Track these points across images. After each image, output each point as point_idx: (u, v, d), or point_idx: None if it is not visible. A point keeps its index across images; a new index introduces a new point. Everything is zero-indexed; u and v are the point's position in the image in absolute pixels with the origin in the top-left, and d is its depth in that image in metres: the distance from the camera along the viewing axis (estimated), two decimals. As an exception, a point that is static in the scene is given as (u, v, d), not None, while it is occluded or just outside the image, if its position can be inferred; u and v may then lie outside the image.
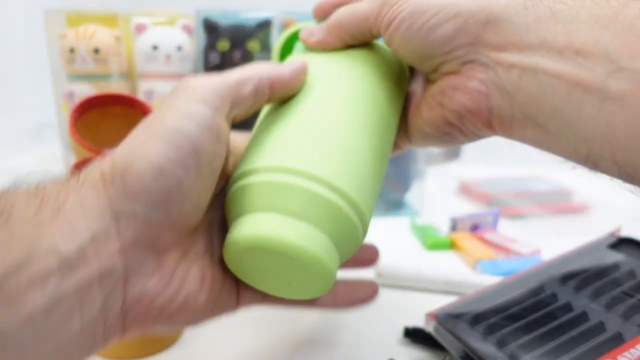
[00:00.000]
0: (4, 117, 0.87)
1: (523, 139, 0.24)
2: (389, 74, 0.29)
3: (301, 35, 0.29)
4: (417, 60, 0.27)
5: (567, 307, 0.32)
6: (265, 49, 0.58)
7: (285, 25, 0.60)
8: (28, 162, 0.84)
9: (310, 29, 0.29)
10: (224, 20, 0.58)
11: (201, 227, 0.24)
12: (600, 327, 0.30)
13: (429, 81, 0.28)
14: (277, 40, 0.35)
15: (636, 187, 0.21)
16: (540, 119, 0.22)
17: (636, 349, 0.27)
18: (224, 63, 0.57)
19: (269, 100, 0.25)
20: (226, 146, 0.23)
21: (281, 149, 0.23)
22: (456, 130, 0.27)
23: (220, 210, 0.26)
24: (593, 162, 0.21)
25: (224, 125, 0.22)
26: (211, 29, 0.58)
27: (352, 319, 0.39)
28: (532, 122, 0.23)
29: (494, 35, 0.23)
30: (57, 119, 0.59)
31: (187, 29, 0.59)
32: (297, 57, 0.29)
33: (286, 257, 0.21)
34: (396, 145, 0.32)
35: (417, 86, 0.31)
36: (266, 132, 0.25)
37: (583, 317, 0.31)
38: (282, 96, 0.25)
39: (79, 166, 0.33)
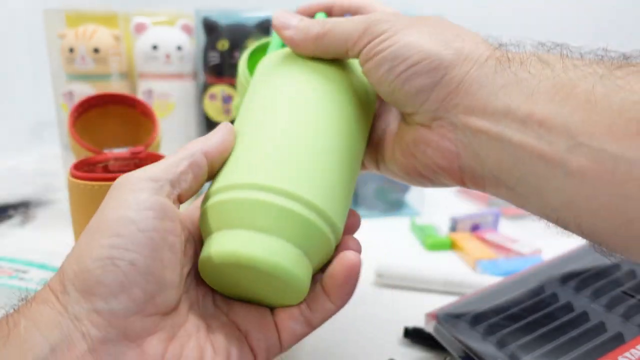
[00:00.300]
0: (4, 117, 0.87)
1: (497, 196, 0.25)
2: (358, 90, 0.29)
3: (275, 21, 0.29)
4: (390, 100, 0.27)
5: (568, 307, 0.32)
6: (265, 48, 0.58)
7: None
8: (27, 162, 0.84)
9: (289, 19, 0.28)
10: (223, 20, 0.58)
11: (182, 306, 0.23)
12: (600, 327, 0.30)
13: (404, 121, 0.28)
14: (242, 57, 0.35)
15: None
16: (511, 183, 0.23)
17: (637, 349, 0.27)
18: (223, 62, 0.57)
19: (212, 170, 0.24)
20: (179, 223, 0.23)
21: (246, 166, 0.24)
22: (427, 181, 0.27)
23: (201, 288, 0.25)
24: (563, 225, 0.22)
25: (168, 204, 0.22)
26: (211, 28, 0.58)
27: (352, 319, 0.39)
28: (503, 184, 0.23)
29: (465, 96, 0.23)
30: (56, 118, 0.59)
31: (187, 29, 0.59)
32: (267, 66, 0.29)
33: (257, 271, 0.22)
34: (363, 166, 0.33)
35: (391, 116, 0.31)
36: (234, 149, 0.25)
37: (583, 317, 0.31)
38: (221, 160, 0.25)
39: (79, 166, 0.33)
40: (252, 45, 0.36)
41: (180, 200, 0.23)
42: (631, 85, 0.19)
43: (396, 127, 0.30)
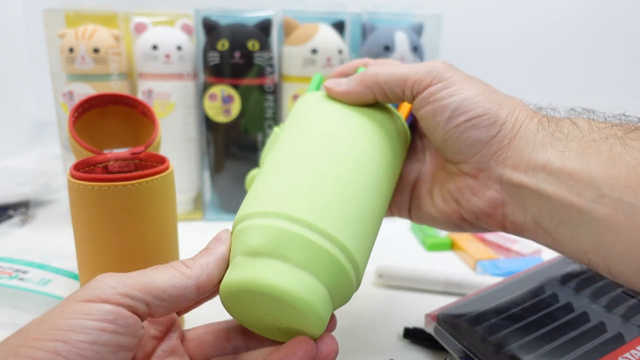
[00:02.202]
0: (4, 117, 0.87)
1: (534, 241, 0.27)
2: (397, 140, 0.30)
3: (327, 83, 0.30)
4: (440, 146, 0.28)
5: (568, 308, 0.32)
6: (265, 48, 0.58)
7: (284, 25, 0.60)
8: (27, 162, 0.84)
9: (338, 79, 0.30)
10: (223, 20, 0.58)
11: None
12: (601, 328, 0.30)
13: (444, 170, 0.30)
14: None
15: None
16: (550, 229, 0.25)
17: (637, 349, 0.27)
18: (223, 62, 0.57)
19: (194, 298, 0.24)
20: (138, 339, 0.22)
21: (289, 197, 0.23)
22: (468, 225, 0.29)
23: None
24: (595, 268, 0.24)
25: (133, 320, 0.21)
26: (210, 28, 0.58)
27: (352, 320, 0.39)
28: (542, 230, 0.26)
29: (514, 152, 0.26)
30: (56, 119, 0.58)
31: (187, 29, 0.59)
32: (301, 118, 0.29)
33: (281, 302, 0.22)
34: (390, 213, 0.33)
35: (419, 165, 0.32)
36: (277, 174, 0.25)
37: (584, 317, 0.31)
38: (209, 290, 0.24)
39: (78, 166, 0.33)
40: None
41: (151, 315, 0.23)
42: None
43: (430, 175, 0.32)
